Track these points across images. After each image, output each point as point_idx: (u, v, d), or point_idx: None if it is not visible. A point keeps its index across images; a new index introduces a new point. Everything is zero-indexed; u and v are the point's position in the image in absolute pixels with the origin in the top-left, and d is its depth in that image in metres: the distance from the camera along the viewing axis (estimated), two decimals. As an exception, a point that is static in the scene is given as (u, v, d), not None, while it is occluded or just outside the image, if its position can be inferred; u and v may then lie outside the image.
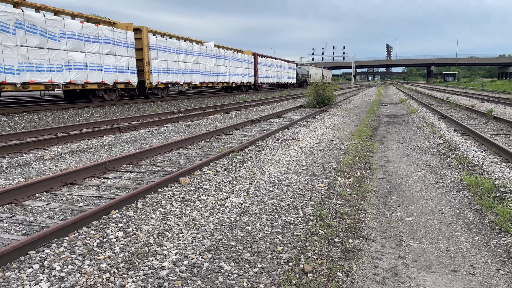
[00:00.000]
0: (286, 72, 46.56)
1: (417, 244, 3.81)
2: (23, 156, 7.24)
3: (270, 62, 40.32)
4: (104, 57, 16.51)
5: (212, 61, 26.70)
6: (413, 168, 6.92)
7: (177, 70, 22.18)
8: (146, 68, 19.56)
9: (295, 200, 4.89)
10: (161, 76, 20.63)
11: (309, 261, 3.25)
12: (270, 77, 40.32)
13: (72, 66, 14.82)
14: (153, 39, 19.78)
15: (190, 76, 23.78)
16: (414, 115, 16.18)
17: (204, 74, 25.66)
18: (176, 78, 22.13)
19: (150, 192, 4.84)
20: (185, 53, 22.95)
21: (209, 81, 26.51)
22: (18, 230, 3.82)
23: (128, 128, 10.88)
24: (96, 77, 16.08)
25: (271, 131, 10.14)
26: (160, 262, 3.17)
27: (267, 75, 39.15)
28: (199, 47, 24.78)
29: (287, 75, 47.23)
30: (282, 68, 44.83)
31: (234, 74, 30.87)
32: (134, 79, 18.60)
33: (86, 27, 15.59)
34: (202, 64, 25.28)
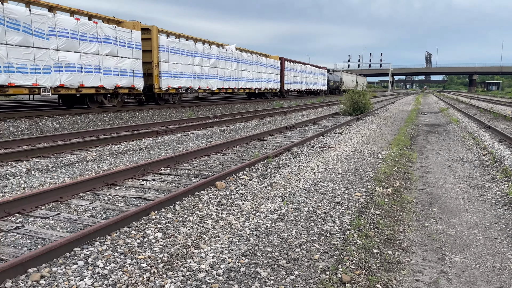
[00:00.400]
0: (316, 79, 44.26)
1: (461, 258, 3.66)
2: (67, 157, 7.56)
3: (299, 68, 38.15)
4: (104, 59, 14.88)
5: (232, 65, 24.95)
6: (455, 180, 6.66)
7: (191, 75, 20.40)
8: (155, 72, 17.96)
9: (331, 209, 4.83)
10: (172, 81, 18.98)
11: (347, 271, 3.19)
12: (298, 84, 38.23)
13: (63, 67, 13.20)
14: (163, 40, 18.21)
15: (207, 81, 22.00)
16: (455, 124, 15.62)
17: (223, 79, 23.84)
18: (190, 83, 20.39)
19: (188, 195, 4.92)
20: (201, 56, 21.16)
21: (228, 87, 24.64)
22: (63, 227, 3.98)
23: (165, 131, 11.14)
24: (93, 81, 14.47)
25: (306, 138, 10.08)
26: (198, 265, 3.21)
27: (294, 81, 37.08)
28: (217, 50, 23.01)
29: (317, 82, 44.82)
30: (312, 74, 42.54)
31: (258, 80, 28.92)
32: (139, 83, 16.93)
33: (82, 25, 13.93)
34: (221, 68, 23.48)
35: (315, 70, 44.13)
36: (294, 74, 36.86)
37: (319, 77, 45.52)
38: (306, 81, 40.47)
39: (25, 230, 3.85)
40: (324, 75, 48.39)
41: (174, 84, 19.16)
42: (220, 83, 23.48)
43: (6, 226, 3.94)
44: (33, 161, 7.01)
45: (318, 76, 45.29)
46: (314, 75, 43.56)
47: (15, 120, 11.62)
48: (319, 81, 45.78)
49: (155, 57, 17.86)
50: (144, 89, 17.70)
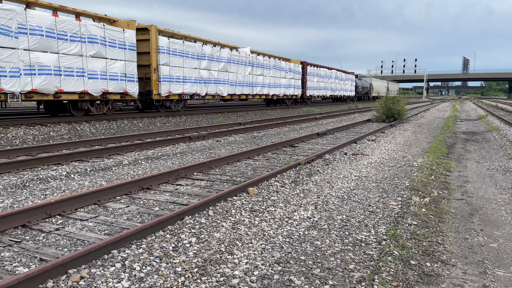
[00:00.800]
0: (343, 84, 41.72)
1: (504, 273, 3.48)
2: (104, 161, 7.79)
3: (323, 73, 35.58)
4: (89, 60, 13.07)
5: (246, 70, 22.69)
6: (496, 191, 6.38)
7: (197, 79, 18.45)
8: (154, 76, 16.09)
9: (366, 217, 4.73)
10: (174, 86, 17.04)
11: (383, 283, 3.10)
12: (322, 89, 35.72)
13: (36, 70, 11.44)
14: (164, 41, 16.34)
15: (216, 86, 19.95)
16: (495, 132, 15.00)
17: (235, 85, 21.69)
18: (195, 88, 18.41)
19: (220, 201, 4.95)
20: (209, 59, 19.16)
21: (241, 93, 22.40)
22: (101, 229, 4.09)
23: (197, 137, 11.29)
24: (76, 85, 12.66)
25: (338, 145, 9.95)
26: (232, 271, 3.21)
27: (318, 87, 34.58)
28: (228, 52, 20.91)
29: (343, 88, 42.22)
30: (338, 80, 39.98)
31: (276, 85, 26.70)
32: (133, 88, 14.95)
33: (61, 22, 12.18)
34: (233, 72, 21.27)
35: (342, 75, 41.75)
36: (318, 80, 34.45)
37: (346, 82, 43.01)
38: (331, 87, 38.04)
39: (65, 232, 3.99)
40: (352, 80, 45.73)
41: (177, 89, 17.29)
42: (231, 89, 21.38)
43: (48, 228, 4.10)
44: (72, 165, 7.27)
45: (345, 82, 42.83)
46: (341, 80, 41.17)
47: (55, 125, 12.10)
48: (346, 87, 43.29)
49: (153, 60, 16.06)
50: (142, 95, 16.26)
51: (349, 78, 44.54)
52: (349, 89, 44.64)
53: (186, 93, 17.96)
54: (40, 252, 3.49)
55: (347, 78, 43.52)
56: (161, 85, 16.35)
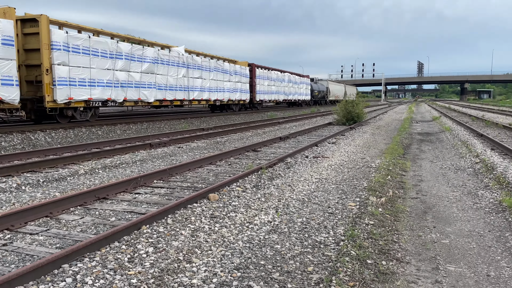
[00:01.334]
0: (297, 88, 39.87)
1: (455, 268, 3.63)
2: (59, 171, 7.48)
3: (274, 76, 33.50)
4: None
5: (180, 72, 19.60)
6: (449, 188, 6.67)
7: (110, 82, 15.31)
8: (46, 79, 12.85)
9: (325, 219, 4.80)
10: (77, 91, 13.86)
11: (340, 283, 3.15)
12: (275, 93, 33.64)
13: None
14: (59, 35, 13.20)
15: (138, 91, 16.83)
16: (448, 133, 15.72)
17: (165, 89, 18.59)
18: (108, 93, 15.22)
19: (180, 208, 4.87)
20: (127, 58, 16.09)
21: (173, 98, 19.22)
22: (53, 243, 3.91)
23: (159, 144, 11.09)
24: None
25: (300, 148, 10.08)
26: (190, 279, 3.15)
27: (269, 91, 32.30)
28: (155, 51, 17.91)
29: (298, 91, 40.32)
30: (291, 83, 37.91)
31: (219, 90, 23.81)
32: (11, 94, 11.83)
33: None
34: (162, 75, 18.23)
35: (296, 79, 39.69)
36: (269, 83, 32.17)
37: (300, 86, 41.12)
38: (284, 91, 35.94)
39: (13, 247, 3.78)
40: (307, 84, 43.90)
41: (81, 95, 14.07)
42: (160, 94, 18.28)
43: (-6, 243, 3.86)
44: (23, 176, 6.93)
45: (300, 86, 40.88)
46: (294, 84, 39.14)
47: (7, 135, 11.51)
48: (301, 90, 41.47)
49: (45, 59, 12.83)
50: (33, 102, 13.61)
51: (304, 82, 42.79)
52: (304, 93, 42.78)
53: (95, 99, 14.71)
54: (-16, 270, 3.28)
55: (301, 82, 41.70)
56: (56, 89, 13.12)
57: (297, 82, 40.03)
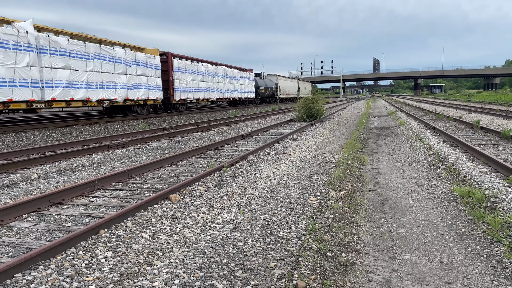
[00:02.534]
0: (236, 84, 33.98)
1: (411, 256, 3.79)
2: (10, 176, 7.11)
3: (203, 69, 26.92)
4: None
5: (22, 58, 13.13)
6: (404, 180, 6.94)
7: None
8: None
9: (287, 215, 4.85)
10: None
11: (302, 277, 3.20)
12: (204, 91, 27.11)
13: None
14: None
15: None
16: (403, 127, 16.34)
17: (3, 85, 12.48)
18: None
19: (140, 210, 4.77)
20: None
21: (9, 98, 12.72)
22: (4, 252, 3.71)
23: (117, 145, 10.79)
24: None
25: (262, 146, 10.13)
26: (151, 282, 3.10)
27: (196, 88, 25.93)
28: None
29: (239, 88, 34.55)
30: (229, 78, 32.04)
31: (108, 86, 17.38)
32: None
33: None
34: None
35: (235, 73, 33.69)
36: (194, 78, 25.75)
37: (241, 82, 35.26)
38: (219, 88, 29.85)
39: (-41, 259, 3.55)
40: (250, 79, 37.87)
41: None
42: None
43: None
44: (-30, 183, 6.52)
45: (240, 81, 34.97)
46: (233, 79, 33.15)
47: (-50, 139, 10.80)
48: (242, 87, 35.67)
49: None
50: None
51: (246, 77, 36.66)
52: (247, 90, 36.96)
53: None
54: None
55: (243, 77, 35.75)
56: None
57: (236, 78, 33.96)
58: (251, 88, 38.21)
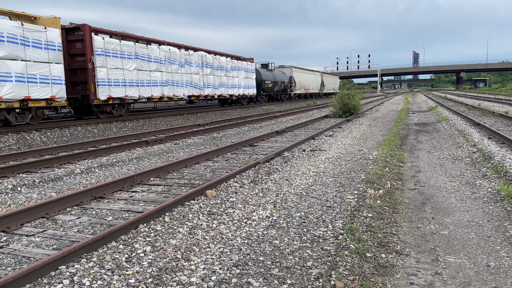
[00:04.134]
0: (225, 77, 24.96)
1: (455, 259, 3.62)
2: (55, 171, 7.42)
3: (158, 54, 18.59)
4: None
5: None
6: (446, 179, 6.66)
7: None
8: None
9: (323, 213, 4.77)
10: None
11: (340, 278, 3.13)
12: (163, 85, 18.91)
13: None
14: None
15: None
16: (444, 123, 15.71)
17: None
18: None
19: (177, 206, 4.83)
20: None
21: None
22: (49, 244, 3.87)
23: (155, 141, 11.03)
24: None
25: (297, 142, 10.04)
26: (188, 278, 3.13)
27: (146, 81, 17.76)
28: None
29: (228, 82, 25.47)
30: (211, 69, 23.16)
31: None
32: None
33: None
34: None
35: (221, 62, 24.46)
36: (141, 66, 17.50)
37: (233, 74, 26.06)
38: (192, 81, 21.31)
39: (9, 249, 3.74)
40: (248, 71, 28.56)
41: None
42: None
43: (-10, 246, 3.82)
44: (19, 177, 6.86)
45: (232, 73, 25.85)
46: (218, 70, 24.06)
47: (1, 135, 11.42)
48: (236, 81, 26.51)
49: None
50: None
51: (242, 68, 27.36)
52: (244, 85, 27.72)
53: None
54: (-20, 273, 3.24)
55: (236, 67, 26.31)
56: None
57: (224, 68, 24.67)
58: (249, 82, 28.61)
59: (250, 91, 29.22)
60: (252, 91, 29.58)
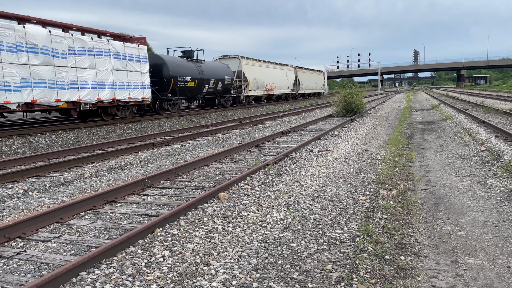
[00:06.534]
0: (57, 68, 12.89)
1: (474, 260, 3.61)
2: (64, 175, 7.42)
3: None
4: None
5: None
6: (457, 178, 6.64)
7: None
8: None
9: (337, 215, 4.76)
10: None
11: (362, 281, 3.12)
12: None
13: None
14: None
15: None
16: (449, 121, 15.69)
17: None
18: None
19: (191, 209, 4.83)
20: None
21: None
22: (67, 250, 3.87)
23: (161, 143, 11.03)
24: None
25: (303, 142, 10.03)
26: (209, 283, 3.12)
27: None
28: None
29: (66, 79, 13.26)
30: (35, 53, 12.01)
31: None
32: None
33: None
34: None
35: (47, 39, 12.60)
36: None
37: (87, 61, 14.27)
38: None
39: (27, 256, 3.74)
40: (134, 59, 16.68)
41: None
42: None
43: (7, 252, 3.82)
44: (29, 181, 6.87)
45: (84, 60, 14.17)
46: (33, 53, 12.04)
47: (7, 139, 11.42)
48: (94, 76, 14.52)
49: None
50: None
51: (110, 51, 15.43)
52: (119, 83, 15.89)
53: None
54: (2, 280, 3.24)
55: (89, 50, 14.47)
56: None
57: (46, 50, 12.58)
58: (134, 77, 16.63)
59: (136, 93, 16.76)
60: (142, 93, 17.09)
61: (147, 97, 17.69)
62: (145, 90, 17.57)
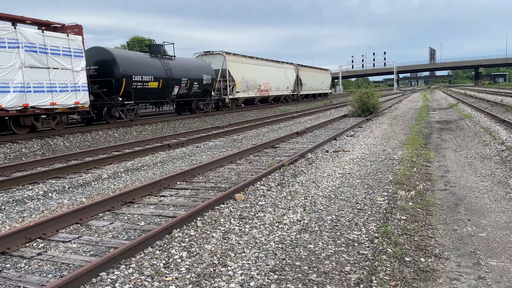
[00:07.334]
0: None
1: (497, 262, 3.52)
2: (82, 176, 7.53)
3: None
4: None
5: None
6: (477, 178, 6.51)
7: None
8: None
9: (355, 216, 4.72)
10: None
11: (382, 283, 3.08)
12: None
13: None
14: None
15: None
16: (468, 120, 15.40)
17: None
18: None
19: (208, 210, 4.84)
20: None
21: None
22: (86, 251, 3.92)
23: (177, 144, 11.10)
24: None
25: (319, 143, 9.97)
26: (227, 284, 3.12)
27: None
28: None
29: None
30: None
31: None
32: None
33: None
34: None
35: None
36: None
37: None
38: None
39: (48, 256, 3.80)
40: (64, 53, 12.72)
41: None
42: None
43: (29, 253, 3.89)
44: (49, 183, 6.99)
45: None
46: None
47: (26, 141, 11.66)
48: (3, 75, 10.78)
49: None
50: None
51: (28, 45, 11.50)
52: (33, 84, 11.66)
53: None
54: (24, 280, 3.30)
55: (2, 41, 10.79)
56: None
57: None
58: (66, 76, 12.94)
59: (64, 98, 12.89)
60: (74, 97, 13.31)
61: (83, 102, 13.55)
62: (80, 93, 13.41)
